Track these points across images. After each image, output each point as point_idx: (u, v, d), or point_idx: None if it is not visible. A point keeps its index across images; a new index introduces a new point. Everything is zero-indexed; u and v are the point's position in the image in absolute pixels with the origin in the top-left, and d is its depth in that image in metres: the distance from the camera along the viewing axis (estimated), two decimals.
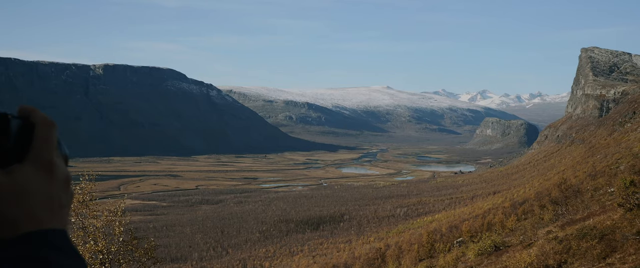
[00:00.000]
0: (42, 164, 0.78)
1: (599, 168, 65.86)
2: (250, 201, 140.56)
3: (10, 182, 0.73)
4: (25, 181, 0.74)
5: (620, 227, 21.52)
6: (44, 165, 0.78)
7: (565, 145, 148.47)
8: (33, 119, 0.79)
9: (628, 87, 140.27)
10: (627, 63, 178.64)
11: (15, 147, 0.77)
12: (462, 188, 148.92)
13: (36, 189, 0.75)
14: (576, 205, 38.61)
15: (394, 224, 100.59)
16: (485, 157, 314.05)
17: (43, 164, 0.78)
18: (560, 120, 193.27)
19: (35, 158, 0.77)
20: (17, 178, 0.74)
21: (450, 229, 66.62)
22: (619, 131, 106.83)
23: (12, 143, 0.76)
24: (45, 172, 0.77)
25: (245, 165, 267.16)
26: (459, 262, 33.85)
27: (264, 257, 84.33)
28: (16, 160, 0.77)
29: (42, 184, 0.76)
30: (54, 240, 0.73)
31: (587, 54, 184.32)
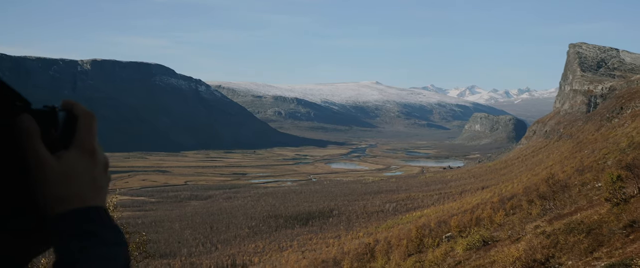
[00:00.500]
0: (85, 150, 0.90)
1: (587, 164, 66.26)
2: (240, 197, 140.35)
3: (60, 165, 0.86)
4: (71, 165, 0.87)
5: (607, 221, 21.65)
6: (87, 151, 0.90)
7: (553, 141, 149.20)
8: (75, 111, 0.91)
9: (615, 83, 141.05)
10: (615, 58, 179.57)
11: (62, 135, 0.90)
12: (450, 183, 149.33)
13: (81, 172, 0.88)
14: (564, 200, 38.82)
15: (383, 219, 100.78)
16: (474, 152, 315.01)
17: (86, 150, 0.90)
18: (548, 115, 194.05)
19: (79, 145, 0.90)
20: (65, 162, 0.87)
21: (439, 224, 66.83)
22: (606, 126, 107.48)
23: (60, 133, 0.90)
24: (88, 157, 0.90)
25: (235, 161, 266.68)
26: (447, 257, 33.96)
27: (253, 253, 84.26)
28: (63, 147, 0.89)
29: (85, 167, 0.89)
30: (97, 215, 0.87)
31: (575, 49, 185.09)
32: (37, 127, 0.86)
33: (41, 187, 0.84)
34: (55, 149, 0.88)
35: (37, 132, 0.86)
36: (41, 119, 0.87)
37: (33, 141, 0.84)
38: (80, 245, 0.82)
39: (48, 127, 0.88)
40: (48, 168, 0.85)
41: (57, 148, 0.89)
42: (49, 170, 0.85)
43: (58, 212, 0.84)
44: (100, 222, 0.87)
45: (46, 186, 0.84)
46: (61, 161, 0.87)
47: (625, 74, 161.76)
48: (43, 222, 0.85)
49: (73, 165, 0.88)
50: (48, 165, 0.85)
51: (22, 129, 0.84)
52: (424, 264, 34.17)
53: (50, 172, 0.85)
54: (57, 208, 0.84)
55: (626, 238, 18.60)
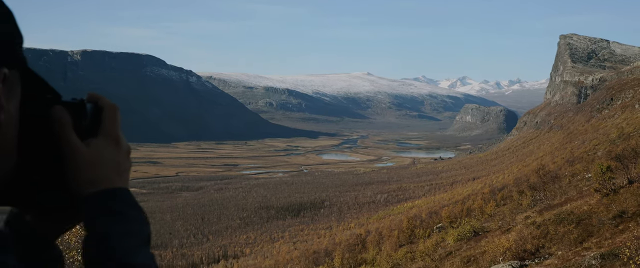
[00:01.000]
0: (111, 138, 1.01)
1: (577, 154, 66.60)
2: (231, 188, 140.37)
3: (89, 152, 0.96)
4: (99, 151, 0.98)
5: (596, 212, 21.79)
6: (112, 138, 1.01)
7: (544, 132, 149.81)
8: (101, 103, 1.02)
9: (606, 74, 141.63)
10: (605, 50, 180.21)
11: (90, 125, 1.00)
12: (442, 174, 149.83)
13: (107, 157, 0.99)
14: (554, 190, 38.99)
15: (375, 210, 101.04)
16: (465, 143, 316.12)
17: (111, 138, 1.01)
18: (539, 106, 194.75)
19: (106, 133, 1.00)
20: (94, 148, 0.97)
21: (430, 215, 67.04)
22: (596, 117, 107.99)
23: (88, 123, 1.00)
24: (114, 144, 1.01)
25: (226, 152, 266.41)
26: (438, 248, 34.08)
27: (244, 244, 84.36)
28: (91, 135, 0.99)
29: (111, 153, 1.00)
30: (123, 195, 0.98)
31: (565, 40, 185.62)
32: (69, 117, 0.96)
33: (73, 170, 0.94)
34: (85, 137, 0.98)
35: (68, 122, 0.95)
36: (71, 110, 0.98)
37: (65, 130, 0.95)
38: (108, 221, 0.92)
39: (78, 118, 0.98)
40: (79, 154, 0.95)
41: (86, 136, 0.98)
42: (80, 155, 0.95)
43: (88, 192, 0.94)
44: (125, 201, 0.97)
45: (77, 170, 0.94)
46: (90, 148, 0.97)
47: (616, 65, 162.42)
48: (74, 202, 0.96)
49: (100, 151, 0.98)
50: (79, 151, 0.95)
51: (56, 119, 0.94)
52: (415, 255, 34.26)
53: (81, 157, 0.95)
54: (88, 189, 0.94)
55: (615, 228, 18.73)
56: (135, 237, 0.94)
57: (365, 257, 46.91)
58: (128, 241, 0.92)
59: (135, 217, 0.97)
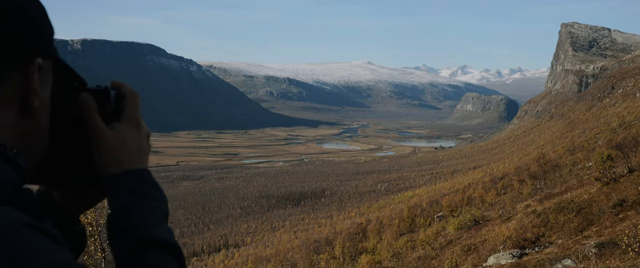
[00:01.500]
0: (133, 122, 1.08)
1: (578, 143, 66.54)
2: (232, 177, 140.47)
3: (113, 135, 1.03)
4: (122, 134, 1.05)
5: (597, 200, 21.82)
6: (134, 123, 1.08)
7: (545, 120, 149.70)
8: (123, 90, 1.10)
9: (607, 63, 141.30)
10: (607, 38, 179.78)
11: (114, 110, 1.07)
12: (442, 163, 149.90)
13: (129, 140, 1.06)
14: (554, 179, 39.03)
15: (375, 199, 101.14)
16: (466, 132, 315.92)
17: (133, 122, 1.08)
18: (540, 95, 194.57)
19: (128, 118, 1.07)
20: (117, 132, 1.04)
21: (431, 204, 67.14)
22: (597, 106, 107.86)
23: (112, 108, 1.07)
24: (135, 128, 1.08)
25: (226, 141, 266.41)
26: (439, 236, 34.17)
27: (245, 233, 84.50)
28: (115, 119, 1.06)
29: (133, 136, 1.07)
30: (143, 175, 1.05)
31: (566, 29, 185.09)
32: (95, 103, 1.04)
33: (99, 152, 1.03)
34: (109, 121, 1.05)
35: (94, 108, 1.03)
36: (97, 97, 1.05)
37: (92, 115, 1.02)
38: (130, 198, 1.00)
39: (102, 103, 1.06)
40: (104, 137, 1.03)
41: (110, 120, 1.06)
42: (105, 138, 1.03)
43: (112, 172, 1.02)
44: (146, 180, 1.05)
45: (103, 151, 1.03)
46: (114, 131, 1.05)
47: (617, 53, 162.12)
48: (99, 180, 1.05)
49: (123, 134, 1.06)
50: (104, 134, 1.03)
51: (83, 104, 1.02)
52: (416, 243, 34.37)
53: (106, 140, 1.03)
54: (112, 169, 1.02)
55: (615, 217, 18.76)
56: (154, 213, 1.01)
57: (366, 245, 47.04)
58: (148, 216, 0.99)
59: (154, 195, 1.05)
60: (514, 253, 18.86)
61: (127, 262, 0.93)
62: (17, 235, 0.67)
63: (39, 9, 0.89)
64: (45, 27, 0.91)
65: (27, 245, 0.66)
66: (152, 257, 0.94)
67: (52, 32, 0.93)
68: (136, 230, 0.97)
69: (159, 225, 1.01)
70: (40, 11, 0.89)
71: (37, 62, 0.88)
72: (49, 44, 0.93)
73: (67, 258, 0.71)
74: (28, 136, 0.90)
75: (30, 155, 0.90)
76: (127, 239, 0.96)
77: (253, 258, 59.90)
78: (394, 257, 33.58)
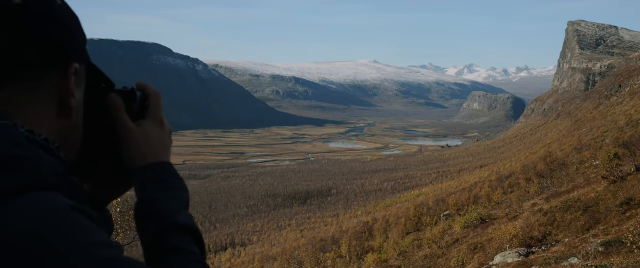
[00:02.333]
0: (157, 119, 1.20)
1: (585, 142, 66.34)
2: (238, 176, 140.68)
3: (139, 131, 1.15)
4: (147, 130, 1.17)
5: (603, 199, 21.76)
6: (158, 120, 1.21)
7: (552, 119, 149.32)
8: (147, 91, 1.22)
9: (614, 61, 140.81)
10: (614, 36, 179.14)
11: (140, 109, 1.19)
12: (449, 162, 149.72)
13: (154, 135, 1.18)
14: (561, 177, 38.96)
15: (381, 198, 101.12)
16: (472, 130, 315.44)
17: (157, 119, 1.21)
18: (546, 93, 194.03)
19: (152, 116, 1.19)
20: (143, 128, 1.17)
21: (437, 203, 67.06)
22: (604, 104, 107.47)
23: (138, 107, 1.18)
24: (159, 125, 1.21)
25: (232, 140, 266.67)
26: (445, 235, 34.14)
27: (251, 232, 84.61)
28: (141, 117, 1.18)
29: (157, 132, 1.19)
30: (166, 167, 1.19)
31: (573, 27, 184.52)
32: (122, 102, 1.15)
33: (126, 146, 1.15)
34: (135, 119, 1.17)
35: (122, 107, 1.15)
36: (124, 97, 1.16)
37: (120, 113, 1.14)
38: (155, 188, 1.13)
39: (129, 103, 1.17)
40: (131, 133, 1.15)
41: (136, 118, 1.17)
42: (132, 134, 1.15)
43: (138, 165, 1.15)
44: (169, 172, 1.18)
45: (130, 146, 1.15)
46: (140, 128, 1.17)
47: (624, 51, 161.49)
48: (126, 172, 1.17)
49: (148, 130, 1.18)
50: (131, 131, 1.15)
51: (112, 104, 1.14)
52: (422, 242, 34.33)
53: (133, 136, 1.15)
54: (138, 162, 1.15)
55: (622, 215, 18.70)
56: (177, 200, 1.14)
57: (372, 244, 47.01)
58: (171, 204, 1.11)
59: (177, 184, 1.17)
60: (521, 252, 18.83)
61: (153, 244, 1.06)
62: (66, 216, 0.76)
63: (75, 19, 1.01)
64: (79, 36, 1.01)
65: (74, 224, 0.76)
66: (175, 240, 1.06)
67: (84, 40, 1.04)
68: (161, 216, 1.09)
69: (181, 211, 1.12)
70: (76, 21, 1.01)
71: (73, 66, 0.98)
72: (82, 50, 1.04)
73: (106, 237, 0.80)
74: (66, 132, 1.01)
75: (68, 150, 1.02)
76: (153, 224, 1.08)
77: (259, 256, 59.96)
78: (400, 256, 33.57)
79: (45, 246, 0.72)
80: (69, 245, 0.74)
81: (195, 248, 1.09)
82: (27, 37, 0.89)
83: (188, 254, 1.07)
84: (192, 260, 1.06)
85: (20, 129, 0.87)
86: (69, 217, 0.77)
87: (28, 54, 0.89)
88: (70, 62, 0.98)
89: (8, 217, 0.73)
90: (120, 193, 1.25)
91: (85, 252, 0.75)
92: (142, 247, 1.09)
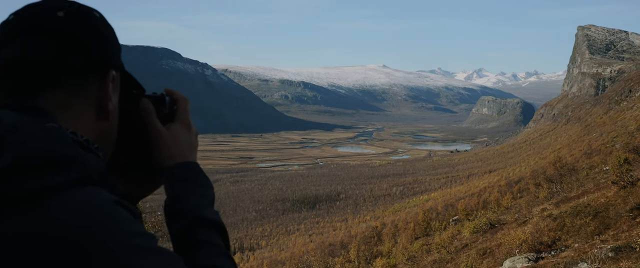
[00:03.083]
0: (184, 123, 1.29)
1: (595, 147, 66.11)
2: (247, 180, 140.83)
3: (169, 134, 1.24)
4: (176, 133, 1.25)
5: (614, 204, 21.66)
6: (185, 123, 1.29)
7: (561, 124, 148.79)
8: (175, 96, 1.31)
9: (624, 66, 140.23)
10: (624, 41, 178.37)
11: (169, 113, 1.27)
12: (458, 167, 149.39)
13: (182, 138, 1.26)
14: (571, 183, 38.78)
15: (390, 203, 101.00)
16: (481, 135, 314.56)
17: (185, 123, 1.29)
18: (556, 98, 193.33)
19: (180, 119, 1.28)
20: (172, 131, 1.25)
21: (446, 208, 66.91)
22: (614, 109, 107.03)
23: (167, 111, 1.27)
24: (187, 128, 1.28)
25: (241, 145, 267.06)
26: (454, 240, 34.07)
27: (260, 236, 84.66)
28: (170, 121, 1.26)
29: (185, 135, 1.27)
30: (194, 167, 1.26)
31: (583, 32, 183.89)
32: (153, 107, 1.24)
33: (157, 148, 1.23)
34: (165, 123, 1.25)
35: (153, 111, 1.24)
36: (154, 102, 1.26)
37: (151, 117, 1.23)
38: (183, 186, 1.21)
39: (159, 108, 1.26)
40: (162, 136, 1.23)
41: (165, 122, 1.25)
42: (162, 137, 1.23)
43: (168, 165, 1.23)
44: (196, 171, 1.26)
45: (160, 148, 1.23)
46: (170, 130, 1.25)
47: (634, 56, 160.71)
48: (156, 172, 1.25)
49: (177, 133, 1.26)
50: (161, 133, 1.23)
51: (144, 109, 1.23)
52: (431, 247, 34.27)
53: (163, 138, 1.23)
54: (168, 162, 1.23)
55: (632, 221, 18.62)
56: (204, 197, 1.22)
57: (381, 249, 46.97)
58: (199, 200, 1.20)
59: (203, 182, 1.25)
60: (530, 257, 18.78)
61: (182, 238, 1.14)
62: (110, 210, 0.85)
63: (111, 31, 1.11)
64: (115, 46, 1.12)
65: (117, 217, 0.86)
66: (203, 234, 1.15)
67: (120, 49, 1.15)
68: (189, 212, 1.17)
69: (208, 207, 1.21)
70: (112, 33, 1.11)
71: (111, 73, 1.09)
72: (118, 59, 1.14)
73: (144, 228, 0.91)
74: (104, 134, 1.10)
75: (105, 151, 1.10)
76: (182, 220, 1.16)
77: (268, 261, 60.05)
78: (409, 261, 33.53)
79: (92, 237, 0.80)
80: (113, 236, 0.83)
81: (220, 242, 1.17)
82: (71, 46, 1.00)
83: (214, 247, 1.15)
84: (218, 252, 1.14)
85: (66, 130, 0.96)
86: (114, 210, 0.86)
87: (72, 61, 1.00)
88: (109, 69, 1.08)
89: (59, 210, 0.81)
90: (150, 192, 1.33)
91: (127, 243, 0.84)
92: (171, 240, 1.17)
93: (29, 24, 1.00)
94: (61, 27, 1.00)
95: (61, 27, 1.00)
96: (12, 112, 0.94)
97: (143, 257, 0.86)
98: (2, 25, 1.03)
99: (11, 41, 1.00)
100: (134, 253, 0.84)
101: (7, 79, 1.00)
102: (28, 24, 1.00)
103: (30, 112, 0.95)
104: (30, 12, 1.02)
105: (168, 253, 0.92)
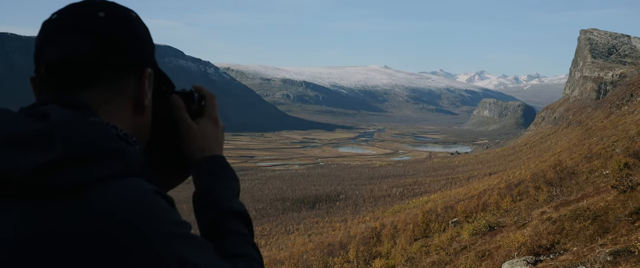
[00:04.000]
0: (212, 118, 1.35)
1: (595, 151, 66.03)
2: (247, 179, 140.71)
3: (198, 128, 1.30)
4: (204, 128, 1.32)
5: (613, 208, 21.65)
6: (213, 119, 1.36)
7: (562, 127, 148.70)
8: (203, 93, 1.39)
9: (626, 70, 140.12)
10: (626, 45, 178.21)
11: (197, 109, 1.34)
12: (458, 169, 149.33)
13: (210, 132, 1.33)
14: (571, 186, 38.74)
15: (390, 204, 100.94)
16: (482, 138, 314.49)
17: (212, 118, 1.35)
18: (557, 102, 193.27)
19: (208, 115, 1.35)
20: (201, 126, 1.31)
21: (446, 209, 66.87)
22: (616, 113, 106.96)
23: (196, 107, 1.34)
24: (214, 123, 1.35)
25: (242, 144, 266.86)
26: (453, 242, 34.05)
27: (259, 235, 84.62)
28: (198, 116, 1.33)
29: (213, 129, 1.34)
30: (221, 160, 1.33)
31: (586, 35, 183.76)
32: (183, 103, 1.31)
33: (186, 142, 1.30)
34: (194, 118, 1.32)
35: (183, 107, 1.31)
36: (184, 98, 1.33)
37: (181, 112, 1.30)
38: (211, 178, 1.27)
39: (189, 103, 1.32)
40: (191, 130, 1.30)
41: (194, 117, 1.32)
42: (192, 131, 1.30)
43: (197, 158, 1.30)
44: (223, 164, 1.32)
45: (190, 141, 1.30)
46: (199, 125, 1.31)
47: (637, 61, 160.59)
48: (186, 164, 1.31)
49: (205, 128, 1.32)
50: (191, 128, 1.30)
51: (175, 104, 1.30)
52: (430, 248, 34.26)
53: (193, 132, 1.30)
54: (197, 155, 1.30)
55: (631, 225, 18.62)
56: (230, 190, 1.28)
57: (380, 250, 46.94)
58: (225, 192, 1.26)
59: (230, 175, 1.32)
60: (529, 260, 18.78)
61: (210, 229, 1.21)
62: (150, 198, 0.93)
63: (147, 31, 1.18)
64: (150, 44, 1.18)
65: (157, 206, 0.94)
66: (230, 224, 1.21)
67: (154, 48, 1.22)
68: (217, 204, 1.23)
69: (234, 199, 1.27)
70: (147, 32, 1.18)
71: (148, 71, 1.16)
72: (153, 57, 1.21)
73: (180, 216, 1.01)
74: (140, 129, 1.17)
75: (141, 144, 1.17)
76: (210, 211, 1.23)
77: (267, 260, 60.01)
78: (407, 262, 33.53)
79: (132, 226, 0.87)
80: (152, 224, 0.90)
81: (246, 231, 1.23)
82: (112, 45, 1.06)
83: (241, 236, 1.21)
84: (244, 241, 1.21)
85: (108, 124, 1.03)
86: (153, 199, 0.94)
87: (112, 60, 1.07)
88: (145, 67, 1.15)
89: (103, 200, 0.88)
90: (178, 183, 1.38)
91: (165, 230, 0.92)
92: (199, 229, 1.22)
93: (73, 24, 1.06)
94: (103, 28, 1.06)
95: (103, 28, 1.06)
96: (60, 107, 0.99)
97: (182, 244, 0.94)
98: (44, 24, 1.08)
99: (54, 39, 1.06)
100: (173, 240, 0.92)
101: (52, 75, 1.06)
102: (71, 23, 1.06)
103: (75, 107, 1.02)
104: (73, 12, 1.07)
105: (203, 241, 1.03)
